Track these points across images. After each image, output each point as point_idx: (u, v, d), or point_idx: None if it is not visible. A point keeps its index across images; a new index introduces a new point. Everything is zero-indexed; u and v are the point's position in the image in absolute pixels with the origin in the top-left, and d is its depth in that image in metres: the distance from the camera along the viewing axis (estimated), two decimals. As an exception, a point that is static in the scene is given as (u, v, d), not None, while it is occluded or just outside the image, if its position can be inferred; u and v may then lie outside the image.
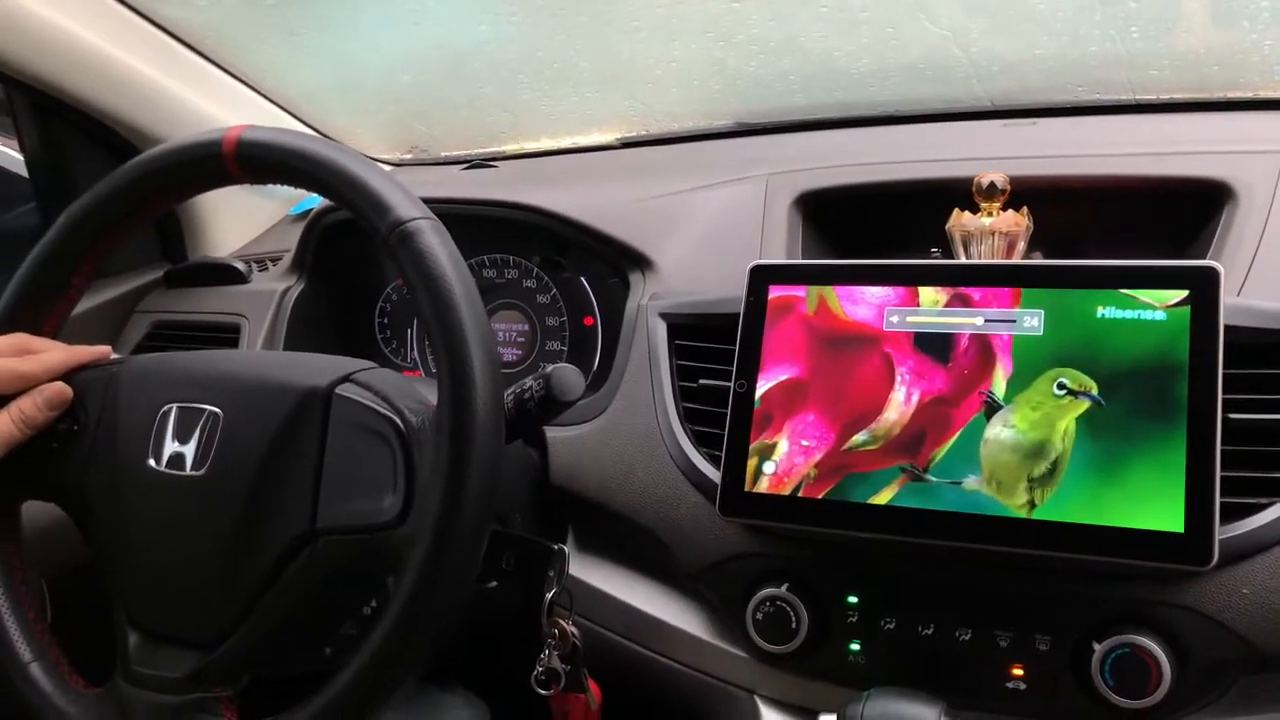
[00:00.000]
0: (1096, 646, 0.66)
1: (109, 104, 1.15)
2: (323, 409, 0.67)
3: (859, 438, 0.74)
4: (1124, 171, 0.88)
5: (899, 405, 0.73)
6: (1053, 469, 0.67)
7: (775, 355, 0.78)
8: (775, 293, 0.79)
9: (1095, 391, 0.67)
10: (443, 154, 1.51)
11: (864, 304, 0.76)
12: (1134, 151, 0.91)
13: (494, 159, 1.39)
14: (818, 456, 0.74)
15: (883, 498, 0.71)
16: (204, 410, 0.70)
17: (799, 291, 0.79)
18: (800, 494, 0.74)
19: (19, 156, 1.26)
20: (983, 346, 0.72)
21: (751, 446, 0.76)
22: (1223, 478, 0.64)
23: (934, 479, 0.70)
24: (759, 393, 0.77)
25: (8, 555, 0.74)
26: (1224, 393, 0.65)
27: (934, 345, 0.73)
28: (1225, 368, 0.65)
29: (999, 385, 0.71)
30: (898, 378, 0.74)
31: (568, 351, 1.10)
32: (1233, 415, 0.67)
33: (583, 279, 1.08)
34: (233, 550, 0.67)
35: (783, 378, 0.77)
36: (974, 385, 0.71)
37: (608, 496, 0.87)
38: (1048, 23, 1.10)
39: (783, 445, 0.75)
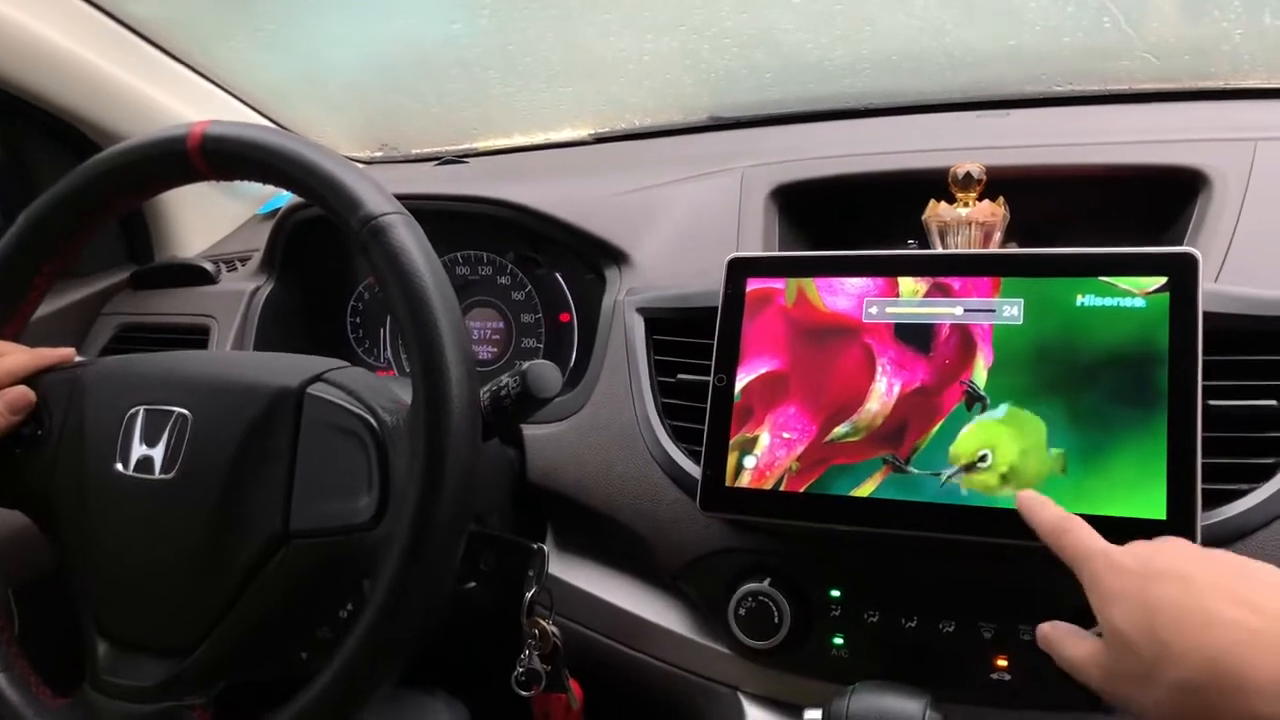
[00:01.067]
0: (1080, 635, 0.66)
1: (71, 102, 1.13)
2: (294, 409, 0.66)
3: (841, 429, 0.73)
4: (1099, 160, 0.88)
5: (880, 396, 0.72)
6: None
7: (754, 348, 0.77)
8: (753, 285, 0.79)
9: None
10: (413, 151, 1.49)
11: (843, 295, 0.76)
12: (1109, 140, 0.91)
13: (466, 156, 1.38)
14: (799, 449, 0.74)
15: (865, 490, 0.71)
16: (172, 412, 0.68)
17: (777, 284, 0.78)
18: (782, 488, 0.73)
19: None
20: (963, 336, 0.71)
21: (732, 440, 0.76)
22: (1204, 464, 0.63)
23: (916, 470, 0.70)
24: (739, 386, 0.77)
25: (-29, 564, 0.73)
26: (1204, 379, 0.65)
27: (914, 335, 0.73)
28: (1204, 354, 0.65)
29: (980, 374, 0.70)
30: (879, 368, 0.73)
31: (544, 349, 1.09)
32: (1213, 402, 0.66)
33: (558, 275, 1.07)
34: (204, 555, 0.65)
35: (762, 370, 0.77)
36: (955, 375, 0.71)
37: (587, 494, 0.86)
38: (1021, 14, 1.10)
39: (764, 439, 0.75)
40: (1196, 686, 0.47)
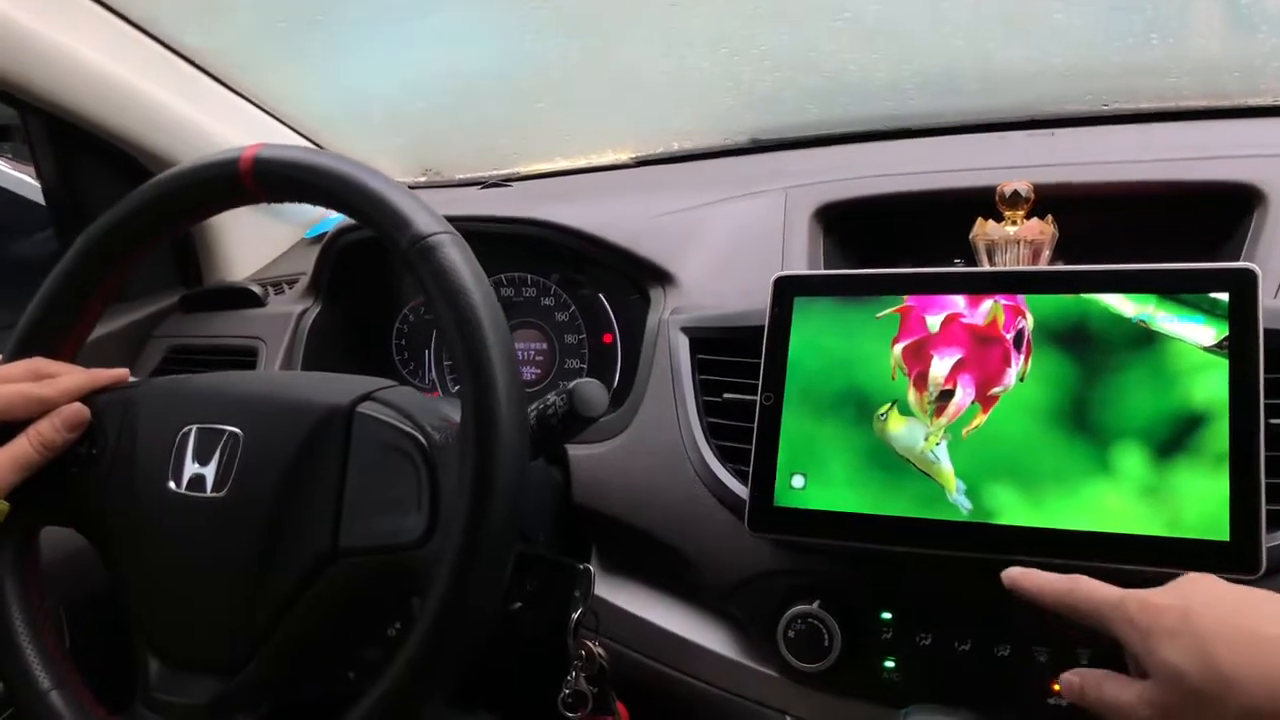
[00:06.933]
0: (1141, 660, 0.64)
1: (125, 129, 1.15)
2: (344, 427, 0.66)
3: (890, 449, 0.72)
4: (1151, 177, 0.87)
5: (931, 415, 0.72)
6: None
7: (801, 367, 0.77)
8: (800, 303, 0.78)
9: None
10: (457, 176, 1.51)
11: (891, 314, 0.75)
12: (1159, 158, 0.90)
13: (509, 180, 1.39)
14: (848, 469, 0.73)
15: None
16: (224, 431, 0.69)
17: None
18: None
19: (36, 183, 1.26)
20: (1015, 354, 0.70)
21: (780, 460, 0.75)
22: (1266, 485, 0.62)
23: (968, 490, 0.69)
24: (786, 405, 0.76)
25: (26, 582, 0.73)
26: (1264, 397, 0.63)
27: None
28: (1265, 372, 0.64)
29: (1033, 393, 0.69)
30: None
31: (587, 369, 1.09)
32: (1275, 421, 0.65)
33: (601, 296, 1.07)
34: (254, 572, 0.66)
35: (810, 390, 0.76)
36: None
37: (632, 515, 0.86)
38: (1065, 32, 1.09)
39: (811, 458, 0.74)
40: (1261, 712, 0.46)
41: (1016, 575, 0.60)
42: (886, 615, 0.74)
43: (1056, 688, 0.68)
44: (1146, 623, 0.52)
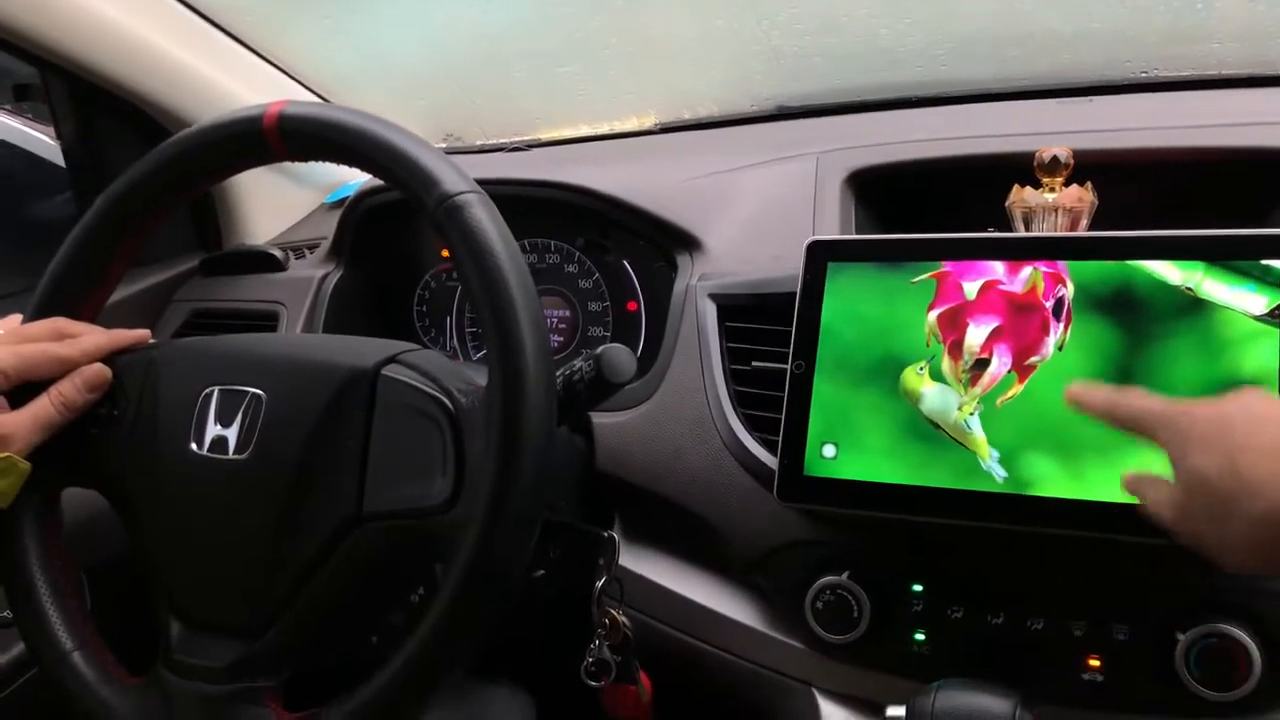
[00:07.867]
0: (1181, 636, 0.63)
1: (145, 88, 1.14)
2: (369, 390, 0.65)
3: (924, 419, 0.71)
4: (1193, 144, 0.84)
5: (967, 384, 0.70)
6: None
7: (833, 335, 0.75)
8: (833, 269, 0.76)
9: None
10: (477, 142, 1.49)
11: (927, 280, 0.73)
12: (1202, 124, 0.87)
13: (531, 146, 1.37)
14: (880, 439, 0.71)
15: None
16: (246, 393, 0.68)
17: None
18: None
19: (55, 144, 1.25)
20: (1056, 324, 0.69)
21: (811, 429, 0.73)
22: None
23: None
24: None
25: (48, 543, 0.72)
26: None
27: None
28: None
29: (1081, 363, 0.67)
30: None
31: (611, 337, 1.08)
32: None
33: (625, 263, 1.06)
34: (277, 535, 0.65)
35: (842, 358, 0.74)
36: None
37: (657, 483, 0.84)
38: (1105, -5, 1.07)
39: (843, 428, 0.72)
40: (1276, 519, 0.47)
41: (1077, 390, 0.60)
42: (917, 587, 0.72)
43: (1092, 663, 0.67)
44: (1185, 428, 0.53)
